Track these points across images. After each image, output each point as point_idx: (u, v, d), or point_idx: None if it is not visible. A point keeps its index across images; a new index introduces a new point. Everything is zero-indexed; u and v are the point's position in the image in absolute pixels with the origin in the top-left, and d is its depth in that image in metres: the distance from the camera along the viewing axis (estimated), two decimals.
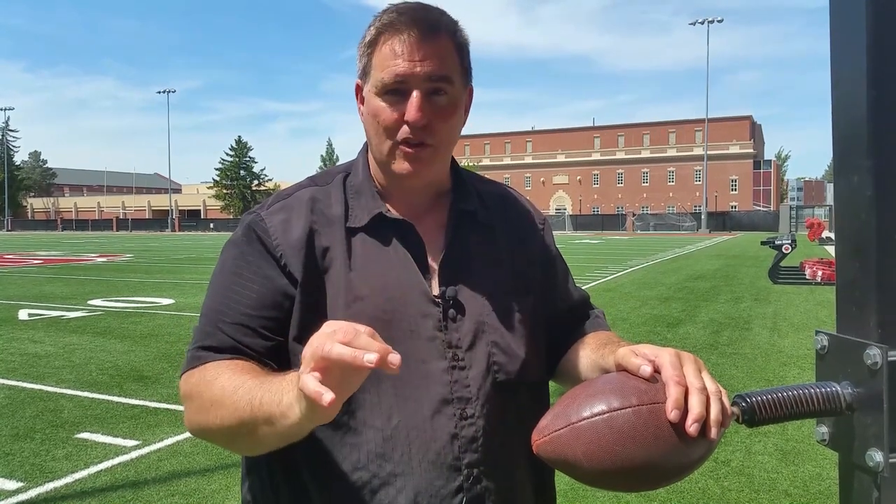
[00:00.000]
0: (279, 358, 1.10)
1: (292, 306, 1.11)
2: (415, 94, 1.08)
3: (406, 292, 1.13)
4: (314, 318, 1.05)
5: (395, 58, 1.08)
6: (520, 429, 1.09)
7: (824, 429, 0.88)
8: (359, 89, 1.18)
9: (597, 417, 0.91)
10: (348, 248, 1.14)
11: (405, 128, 1.10)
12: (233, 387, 0.99)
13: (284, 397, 0.89)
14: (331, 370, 0.80)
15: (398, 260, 1.15)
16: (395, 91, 1.09)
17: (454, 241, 1.19)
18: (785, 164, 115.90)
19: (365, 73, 1.14)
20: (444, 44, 1.10)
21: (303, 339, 1.04)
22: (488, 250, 1.22)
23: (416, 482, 1.07)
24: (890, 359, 0.77)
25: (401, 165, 1.13)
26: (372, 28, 1.12)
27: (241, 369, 1.04)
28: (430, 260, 1.17)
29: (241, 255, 1.15)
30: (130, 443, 4.78)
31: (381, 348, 0.79)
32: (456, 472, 1.09)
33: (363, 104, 1.16)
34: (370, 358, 0.77)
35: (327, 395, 0.77)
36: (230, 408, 0.98)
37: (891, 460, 0.77)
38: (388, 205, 1.19)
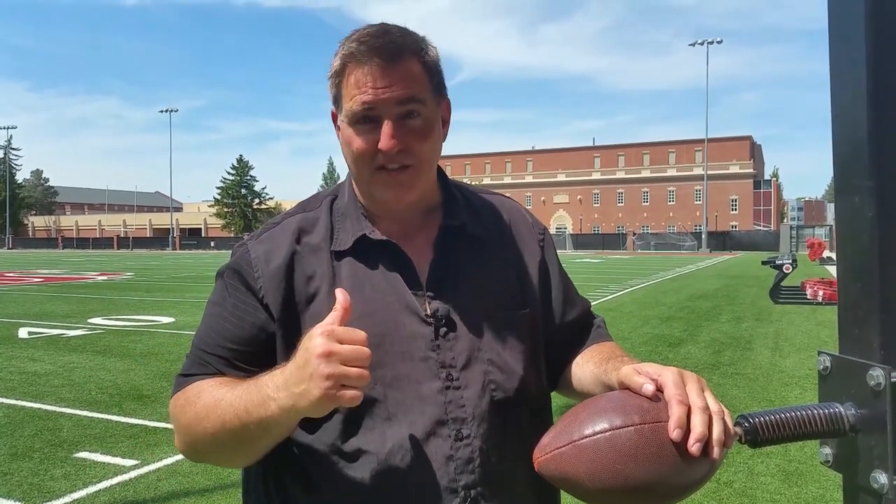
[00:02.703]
0: None
1: (271, 338, 1.13)
2: (386, 122, 1.09)
3: (395, 314, 1.12)
4: (291, 349, 1.08)
5: (361, 87, 1.08)
6: (521, 448, 1.08)
7: (828, 450, 0.87)
8: (335, 117, 1.18)
9: (599, 435, 0.91)
10: (333, 275, 1.14)
11: (381, 155, 1.10)
12: (214, 399, 1.04)
13: (273, 398, 0.96)
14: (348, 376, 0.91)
15: (386, 281, 1.14)
16: (365, 119, 1.09)
17: (440, 257, 1.17)
18: (778, 181, 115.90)
19: (336, 102, 1.14)
20: (409, 66, 1.10)
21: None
22: (480, 265, 1.20)
23: None
24: (893, 380, 0.77)
25: (383, 192, 1.14)
26: (337, 58, 1.12)
27: (221, 383, 1.08)
28: (421, 279, 1.15)
29: (225, 288, 1.17)
30: (129, 462, 4.74)
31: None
32: (453, 494, 1.07)
33: (339, 132, 1.17)
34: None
35: (359, 395, 0.92)
36: (215, 420, 1.03)
37: (895, 482, 0.77)
38: (376, 226, 1.18)
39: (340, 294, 0.96)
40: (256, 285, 1.13)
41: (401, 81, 1.09)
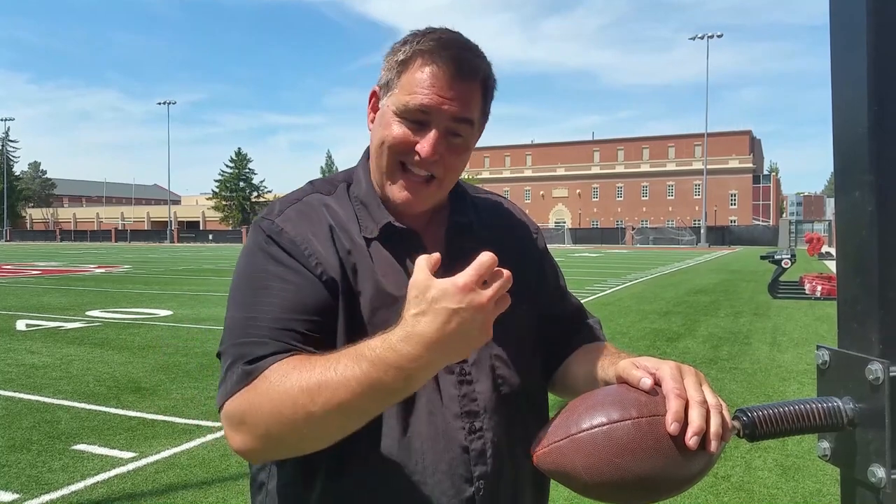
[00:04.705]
0: None
1: (333, 309, 1.08)
2: (433, 132, 1.08)
3: None
4: (353, 322, 1.08)
5: (425, 87, 1.07)
6: (523, 439, 1.09)
7: (826, 444, 0.87)
8: (374, 96, 1.17)
9: (596, 429, 0.91)
10: (366, 256, 1.13)
11: (414, 157, 1.10)
12: (329, 371, 0.93)
13: (411, 351, 0.88)
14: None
15: (409, 270, 1.14)
16: (415, 118, 1.09)
17: (453, 253, 1.17)
18: (777, 176, 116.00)
19: (387, 87, 1.12)
20: (473, 87, 1.10)
21: (352, 340, 1.01)
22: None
23: (428, 493, 1.09)
24: (892, 374, 0.77)
25: (399, 193, 1.13)
26: (408, 47, 1.10)
27: (311, 357, 0.99)
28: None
29: (267, 265, 1.09)
30: (127, 455, 4.75)
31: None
32: (467, 484, 1.10)
33: (376, 113, 1.15)
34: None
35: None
36: (329, 395, 0.92)
37: (893, 476, 0.77)
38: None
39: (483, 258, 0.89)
40: (310, 261, 1.09)
41: (461, 99, 1.08)
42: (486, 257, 0.89)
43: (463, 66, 1.08)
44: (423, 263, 0.91)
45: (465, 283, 0.87)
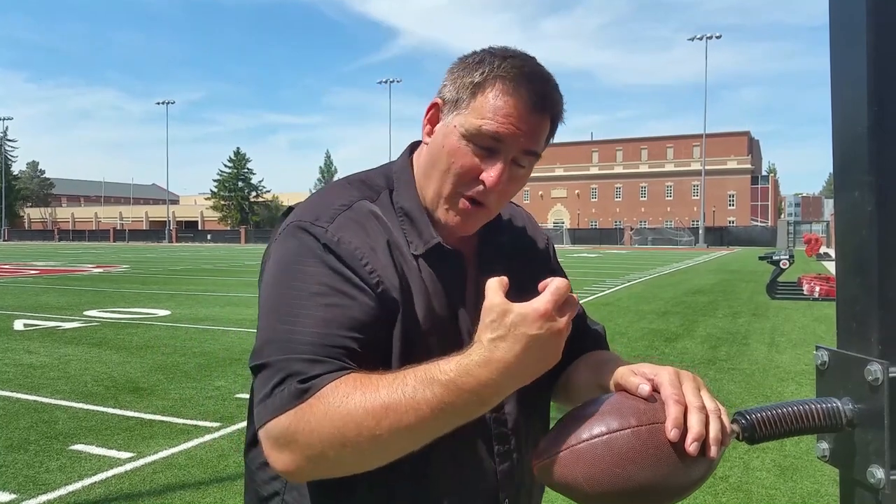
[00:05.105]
0: None
1: (387, 332, 1.05)
2: (503, 162, 1.06)
3: (455, 326, 1.13)
4: (409, 342, 1.06)
5: (501, 116, 1.04)
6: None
7: (825, 445, 0.87)
8: (435, 108, 1.13)
9: (596, 439, 0.90)
10: (418, 274, 1.10)
11: (478, 186, 1.07)
12: (385, 399, 0.90)
13: (483, 376, 0.88)
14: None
15: (451, 293, 1.13)
16: (484, 144, 1.06)
17: (483, 270, 1.15)
18: (775, 176, 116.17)
19: (455, 105, 1.08)
20: (546, 122, 1.08)
21: (403, 360, 1.02)
22: (514, 279, 1.20)
23: None
24: (891, 375, 0.77)
25: (452, 218, 1.11)
26: (486, 68, 1.06)
27: (373, 377, 0.94)
28: (467, 293, 1.16)
29: (328, 274, 1.03)
30: (125, 455, 4.74)
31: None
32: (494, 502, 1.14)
33: (437, 130, 1.12)
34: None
35: None
36: (394, 418, 0.89)
37: (892, 477, 0.77)
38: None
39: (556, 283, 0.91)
40: (371, 277, 1.04)
41: (534, 132, 1.06)
42: (562, 284, 0.90)
43: (541, 100, 1.06)
44: (497, 286, 0.91)
45: (545, 309, 0.88)
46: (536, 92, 1.05)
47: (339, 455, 0.92)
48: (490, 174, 1.05)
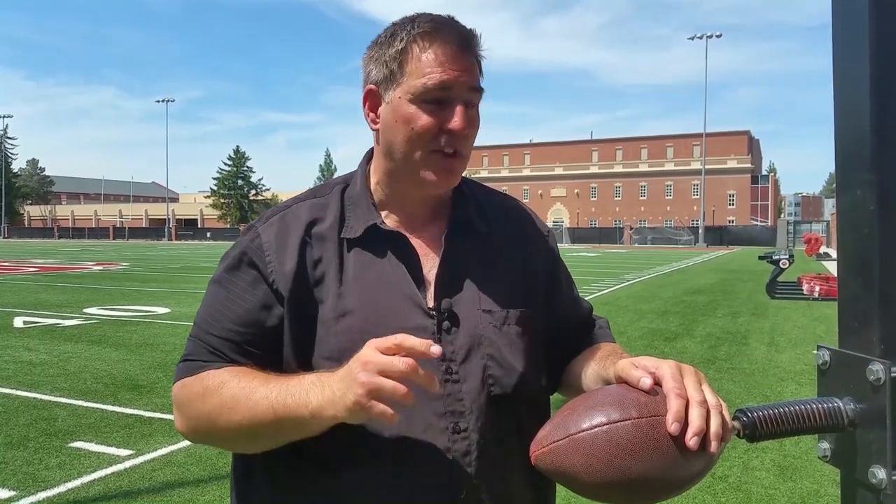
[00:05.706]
0: (271, 368, 1.10)
1: (280, 323, 1.12)
2: (458, 106, 1.09)
3: (398, 305, 1.12)
4: (306, 332, 1.10)
5: (440, 66, 1.08)
6: (518, 443, 1.08)
7: (826, 445, 0.87)
8: (371, 95, 1.15)
9: (596, 429, 0.90)
10: (340, 261, 1.14)
11: (444, 137, 1.09)
12: (245, 392, 1.03)
13: (312, 400, 0.97)
14: (383, 389, 0.91)
15: (392, 272, 1.14)
16: (435, 99, 1.08)
17: (450, 251, 1.17)
18: (775, 176, 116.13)
19: (390, 80, 1.11)
20: (474, 58, 1.12)
21: (298, 353, 1.10)
22: (486, 260, 1.20)
23: (409, 496, 1.06)
24: (893, 375, 0.77)
25: (434, 175, 1.13)
26: (403, 34, 1.10)
27: (246, 374, 1.07)
28: (425, 272, 1.15)
29: (234, 271, 1.15)
30: (124, 452, 4.74)
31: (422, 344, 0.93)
32: (449, 485, 1.08)
33: (382, 112, 1.14)
34: (435, 349, 0.93)
35: (390, 412, 0.91)
36: (245, 412, 1.02)
37: (893, 477, 0.77)
38: (384, 218, 1.18)
39: (432, 347, 0.94)
40: (267, 269, 1.12)
41: (470, 69, 1.10)
42: (398, 339, 0.95)
43: (464, 38, 1.10)
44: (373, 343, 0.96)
45: (365, 359, 0.94)
46: (456, 34, 1.10)
47: (210, 432, 1.10)
48: (454, 120, 1.09)
